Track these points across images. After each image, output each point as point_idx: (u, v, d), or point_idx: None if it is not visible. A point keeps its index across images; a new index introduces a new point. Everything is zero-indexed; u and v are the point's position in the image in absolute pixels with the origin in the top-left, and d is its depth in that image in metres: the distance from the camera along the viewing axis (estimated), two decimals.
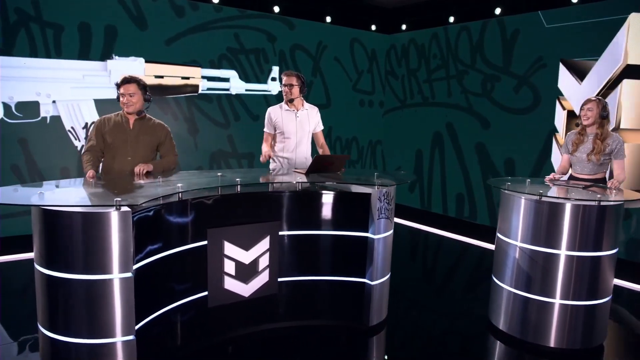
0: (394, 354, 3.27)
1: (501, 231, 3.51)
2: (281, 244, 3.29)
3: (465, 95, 6.56)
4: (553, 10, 5.52)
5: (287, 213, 3.29)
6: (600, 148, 3.60)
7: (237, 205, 3.13)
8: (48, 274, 2.45)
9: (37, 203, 2.46)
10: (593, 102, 3.63)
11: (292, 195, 3.30)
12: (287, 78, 4.05)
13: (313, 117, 4.20)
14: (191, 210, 2.89)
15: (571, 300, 3.19)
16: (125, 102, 3.41)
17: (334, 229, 3.36)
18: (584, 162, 3.72)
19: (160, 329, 2.80)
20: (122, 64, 5.58)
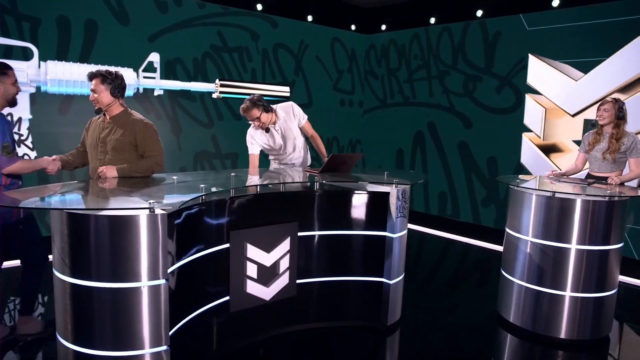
0: (413, 352, 3.29)
1: (511, 227, 3.59)
2: (300, 245, 3.24)
3: (447, 95, 6.69)
4: (534, 14, 5.72)
5: (305, 213, 3.24)
6: (616, 147, 3.74)
7: (257, 206, 3.05)
8: (77, 283, 2.29)
9: (75, 207, 2.30)
10: (609, 103, 3.77)
11: (310, 195, 3.26)
12: (248, 115, 3.82)
13: (292, 118, 4.03)
14: (215, 212, 2.79)
15: (581, 292, 3.31)
16: (91, 99, 3.19)
17: (351, 229, 3.34)
18: (600, 160, 3.86)
19: (186, 338, 2.69)
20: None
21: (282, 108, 3.99)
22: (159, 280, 2.32)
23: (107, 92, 3.17)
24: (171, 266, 2.45)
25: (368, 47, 7.74)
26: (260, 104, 3.77)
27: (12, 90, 3.07)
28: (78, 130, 5.23)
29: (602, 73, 5.20)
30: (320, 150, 4.14)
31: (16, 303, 3.73)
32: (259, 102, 3.78)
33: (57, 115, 5.20)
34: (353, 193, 3.32)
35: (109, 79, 3.17)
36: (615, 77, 5.10)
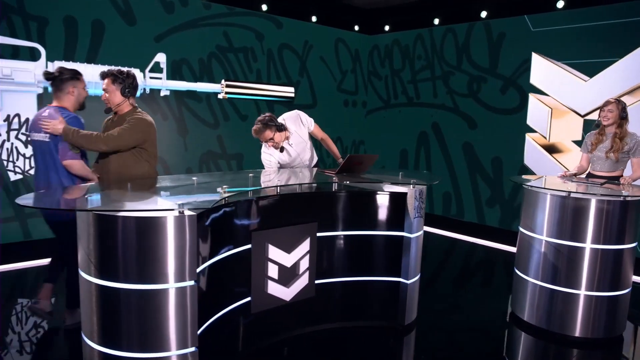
0: (431, 350, 3.31)
1: (525, 226, 3.63)
2: (318, 246, 3.25)
3: (451, 96, 6.73)
4: (539, 15, 5.77)
5: (324, 214, 3.25)
6: (619, 146, 3.80)
7: (278, 207, 3.05)
8: (104, 285, 2.28)
9: (107, 209, 2.30)
10: (613, 104, 3.82)
11: (330, 196, 3.27)
12: (262, 136, 3.77)
13: (301, 129, 3.98)
14: (238, 213, 2.80)
15: (595, 291, 3.35)
16: (102, 98, 3.26)
17: (369, 229, 3.35)
18: (603, 160, 3.91)
19: (209, 339, 2.69)
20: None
21: (290, 120, 3.92)
22: (189, 282, 2.32)
23: (118, 92, 3.25)
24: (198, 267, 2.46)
25: (371, 48, 7.77)
26: (272, 125, 3.70)
27: (83, 94, 3.31)
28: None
29: (612, 74, 5.24)
30: (333, 152, 4.15)
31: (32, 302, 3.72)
32: (271, 123, 3.70)
33: None
34: (372, 194, 3.33)
35: (120, 78, 3.23)
36: (626, 79, 5.13)
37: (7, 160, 4.90)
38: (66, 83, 3.19)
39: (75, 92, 3.23)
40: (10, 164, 4.92)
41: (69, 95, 3.22)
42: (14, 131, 4.91)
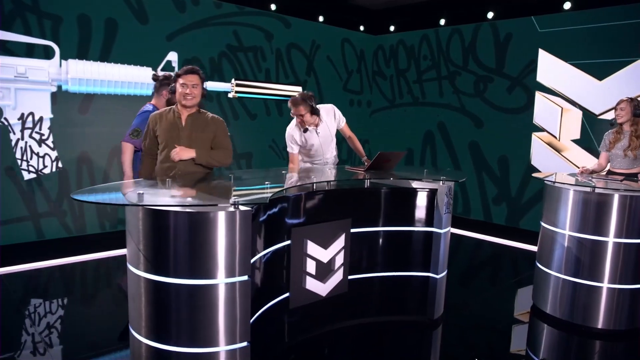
0: (460, 344, 3.38)
1: (547, 221, 3.72)
2: (351, 241, 3.29)
3: (457, 96, 6.83)
4: (546, 16, 5.90)
5: (357, 211, 3.29)
6: (637, 144, 3.92)
7: (315, 203, 3.09)
8: (157, 280, 2.30)
9: (166, 203, 2.31)
10: (625, 102, 3.95)
11: (363, 192, 3.32)
12: (295, 109, 3.85)
13: (332, 123, 4.10)
14: (280, 210, 2.83)
15: (618, 284, 3.45)
16: (188, 92, 3.15)
17: (401, 225, 3.41)
18: (621, 157, 4.03)
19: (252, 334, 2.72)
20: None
21: (324, 110, 4.01)
22: (243, 277, 2.35)
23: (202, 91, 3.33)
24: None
25: (376, 48, 7.84)
26: (309, 103, 3.79)
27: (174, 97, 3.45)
28: (98, 130, 5.22)
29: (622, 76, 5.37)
30: (358, 150, 4.24)
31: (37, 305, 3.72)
32: (309, 101, 3.79)
33: (78, 114, 5.14)
34: (403, 190, 3.40)
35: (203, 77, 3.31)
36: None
37: (21, 159, 4.86)
38: (163, 87, 3.73)
39: (168, 95, 3.68)
40: (25, 162, 4.88)
41: (161, 97, 3.76)
42: (28, 130, 4.87)
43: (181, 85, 3.17)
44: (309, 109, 3.80)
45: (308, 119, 3.85)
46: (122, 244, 4.92)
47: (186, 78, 3.16)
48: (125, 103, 5.39)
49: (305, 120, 3.84)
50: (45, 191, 5.02)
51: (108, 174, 5.37)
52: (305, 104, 3.78)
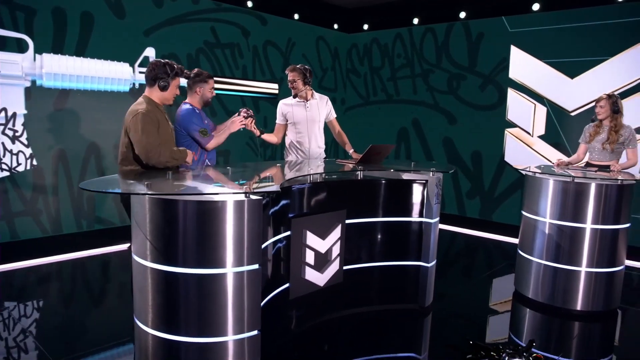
0: (450, 329, 3.50)
1: (529, 210, 3.89)
2: (347, 232, 3.36)
3: (431, 93, 7.01)
4: (516, 16, 6.14)
5: (351, 202, 3.36)
6: (615, 138, 4.14)
7: (313, 194, 3.14)
8: (166, 270, 2.29)
9: (176, 193, 2.30)
10: (604, 100, 4.17)
11: (357, 184, 3.39)
12: (290, 74, 4.19)
13: (323, 107, 4.35)
14: (281, 201, 2.86)
15: (595, 268, 3.66)
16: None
17: (393, 215, 3.50)
18: (599, 150, 4.25)
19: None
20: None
21: (319, 95, 4.36)
22: (253, 266, 2.37)
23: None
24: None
25: (350, 46, 7.94)
26: (303, 73, 4.14)
27: (208, 94, 3.76)
28: (74, 127, 5.09)
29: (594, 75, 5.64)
30: (346, 144, 4.35)
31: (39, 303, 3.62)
32: (304, 72, 4.15)
33: (53, 110, 4.99)
34: (395, 182, 3.49)
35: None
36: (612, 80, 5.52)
37: None
38: (195, 84, 3.70)
39: (201, 92, 3.72)
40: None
41: (195, 94, 3.73)
42: (1, 126, 4.69)
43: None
44: (302, 77, 4.14)
45: (299, 87, 4.16)
46: (100, 243, 4.91)
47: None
48: (102, 99, 5.28)
49: (296, 87, 4.16)
50: (20, 190, 4.84)
51: (85, 171, 5.24)
52: (299, 71, 4.14)
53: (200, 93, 3.73)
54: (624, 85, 5.42)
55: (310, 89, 4.26)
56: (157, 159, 2.94)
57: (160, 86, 3.05)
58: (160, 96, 3.09)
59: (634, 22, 5.32)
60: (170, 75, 3.05)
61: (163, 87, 3.06)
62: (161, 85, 3.05)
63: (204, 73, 3.75)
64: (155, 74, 3.06)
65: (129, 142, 3.02)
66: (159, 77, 3.04)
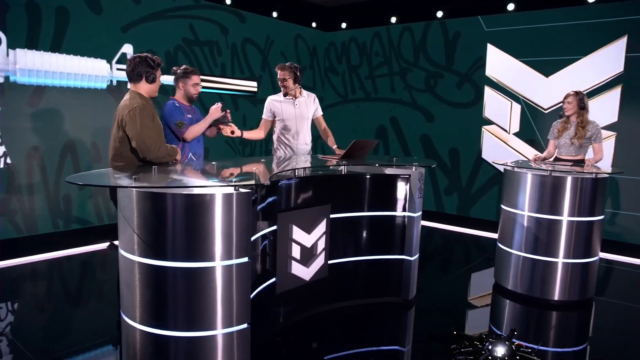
0: (434, 320, 3.56)
1: (507, 204, 3.99)
2: (332, 227, 3.38)
3: (409, 91, 7.10)
4: (492, 16, 6.28)
5: (336, 196, 3.38)
6: (582, 134, 4.28)
7: (298, 189, 3.16)
8: (154, 264, 2.28)
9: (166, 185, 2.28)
10: (572, 96, 4.30)
11: (341, 179, 3.42)
12: (281, 72, 4.19)
13: (311, 104, 4.36)
14: (267, 195, 2.87)
15: (571, 259, 3.77)
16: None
17: (377, 210, 3.54)
18: (567, 145, 4.38)
19: None
20: None
21: (307, 93, 4.37)
22: (242, 259, 2.37)
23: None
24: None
25: (328, 45, 7.98)
26: (294, 72, 4.17)
27: (191, 90, 3.77)
28: (49, 124, 4.98)
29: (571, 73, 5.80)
30: (332, 141, 4.37)
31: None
32: (295, 70, 4.17)
33: (27, 107, 4.88)
34: (379, 176, 3.52)
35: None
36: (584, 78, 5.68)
37: None
38: (178, 79, 3.76)
39: (184, 87, 3.75)
40: None
41: (178, 89, 3.78)
42: None
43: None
44: (293, 76, 4.16)
45: (289, 85, 4.17)
46: (78, 242, 4.81)
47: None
48: (79, 96, 5.18)
49: (287, 86, 4.17)
50: None
51: (62, 170, 5.13)
52: (290, 70, 4.15)
53: (183, 88, 3.76)
54: (596, 84, 5.60)
55: (299, 87, 4.28)
56: (157, 153, 2.94)
57: (149, 80, 3.03)
58: (149, 89, 3.07)
59: (604, 23, 5.50)
60: (154, 67, 3.04)
61: (152, 80, 3.04)
62: (150, 78, 3.03)
63: (187, 69, 3.77)
64: (139, 70, 3.03)
65: (123, 137, 2.98)
66: (144, 71, 3.02)
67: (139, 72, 3.02)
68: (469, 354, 2.82)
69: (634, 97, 5.41)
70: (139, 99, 3.00)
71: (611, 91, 5.51)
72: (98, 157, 5.40)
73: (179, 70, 3.78)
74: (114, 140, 3.04)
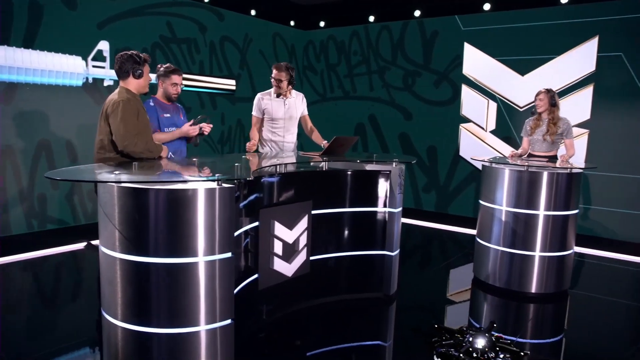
0: (415, 315, 3.60)
1: (486, 199, 4.06)
2: (313, 223, 3.39)
3: (387, 89, 7.16)
4: (468, 15, 6.37)
5: (317, 193, 3.39)
6: (554, 130, 4.39)
7: (280, 185, 3.15)
8: (136, 260, 2.25)
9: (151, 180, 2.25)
10: (543, 93, 4.41)
11: (322, 175, 3.43)
12: (277, 72, 4.17)
13: (300, 104, 4.39)
14: (249, 191, 2.86)
15: (548, 252, 3.85)
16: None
17: (358, 206, 3.56)
18: (540, 142, 4.49)
19: None
20: None
21: (295, 92, 4.39)
22: (226, 254, 2.36)
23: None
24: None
25: (307, 43, 7.98)
26: (291, 74, 4.17)
27: (169, 89, 3.76)
28: (23, 122, 4.85)
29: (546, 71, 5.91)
30: (319, 139, 4.40)
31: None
32: (291, 72, 4.17)
33: (0, 104, 4.75)
34: (359, 173, 3.54)
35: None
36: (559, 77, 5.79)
37: None
38: (159, 77, 3.77)
39: (163, 85, 3.76)
40: None
41: (159, 87, 3.79)
42: None
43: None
44: (289, 78, 4.17)
45: (284, 87, 4.17)
46: (53, 243, 4.71)
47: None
48: (54, 94, 5.07)
49: (281, 87, 4.17)
50: None
51: (36, 169, 5.01)
52: (287, 72, 4.16)
53: (163, 87, 3.77)
54: (569, 83, 5.74)
55: (291, 88, 4.28)
56: (132, 148, 2.98)
57: (136, 75, 3.09)
58: (137, 85, 3.14)
59: (577, 24, 5.64)
60: (141, 63, 3.10)
61: (139, 75, 3.10)
62: (137, 74, 3.09)
63: (169, 67, 3.77)
64: (126, 67, 3.10)
65: (109, 130, 3.03)
66: (131, 67, 3.08)
67: (126, 69, 3.10)
68: (450, 346, 2.86)
69: (605, 96, 5.56)
70: (126, 94, 3.07)
71: (584, 90, 5.66)
72: (74, 156, 5.30)
73: (162, 68, 3.77)
74: (99, 132, 3.12)
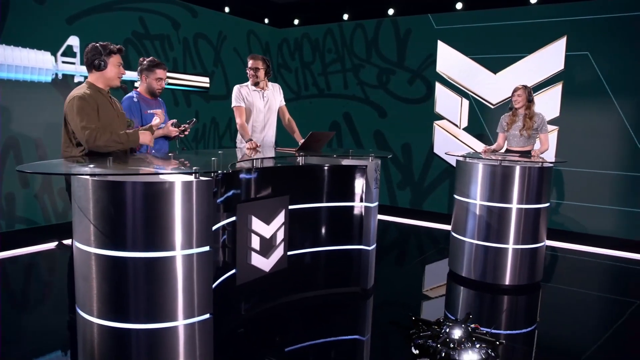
0: (392, 308, 3.63)
1: (460, 194, 4.12)
2: (290, 218, 3.38)
3: (361, 87, 7.21)
4: (441, 14, 6.47)
5: (293, 188, 3.39)
6: (530, 125, 4.48)
7: (256, 180, 3.14)
8: (112, 255, 2.20)
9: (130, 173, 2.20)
10: (521, 89, 4.50)
11: (299, 170, 3.43)
12: (253, 62, 4.17)
13: (277, 95, 4.41)
14: (227, 186, 2.84)
15: (521, 244, 3.94)
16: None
17: (334, 201, 3.57)
18: (517, 137, 4.58)
19: None
20: None
21: (272, 84, 4.38)
22: (203, 248, 2.33)
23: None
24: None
25: (281, 41, 7.97)
26: (267, 64, 4.21)
27: (153, 84, 3.72)
28: None
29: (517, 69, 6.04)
30: (296, 133, 4.38)
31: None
32: (268, 63, 4.22)
33: None
34: (336, 168, 3.55)
35: None
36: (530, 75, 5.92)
37: None
38: (142, 71, 3.71)
39: (146, 80, 3.71)
40: None
41: (142, 82, 3.74)
42: None
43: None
44: (265, 66, 4.18)
45: (261, 75, 4.18)
46: (22, 243, 4.57)
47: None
48: (21, 90, 4.92)
49: (259, 75, 4.16)
50: None
51: (3, 167, 4.86)
52: (264, 62, 4.18)
53: (146, 82, 3.73)
54: (539, 81, 5.88)
55: (266, 79, 4.28)
56: (94, 143, 2.79)
57: (95, 66, 2.90)
58: (102, 78, 2.94)
59: (546, 23, 5.79)
60: (103, 53, 2.91)
61: (98, 66, 2.90)
62: (96, 64, 2.89)
63: (153, 61, 3.72)
64: (90, 59, 2.93)
65: (71, 128, 2.89)
66: (93, 58, 2.90)
67: (90, 61, 2.93)
68: (427, 338, 2.90)
69: (573, 94, 5.72)
70: (86, 89, 2.90)
71: (553, 87, 5.81)
72: (43, 154, 5.16)
73: (145, 61, 3.69)
74: (62, 131, 2.97)
